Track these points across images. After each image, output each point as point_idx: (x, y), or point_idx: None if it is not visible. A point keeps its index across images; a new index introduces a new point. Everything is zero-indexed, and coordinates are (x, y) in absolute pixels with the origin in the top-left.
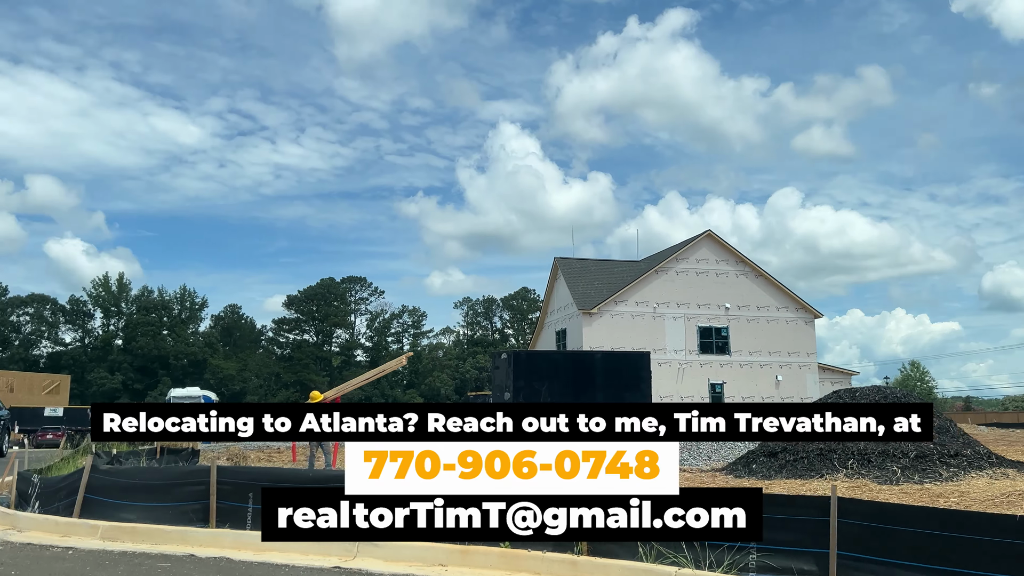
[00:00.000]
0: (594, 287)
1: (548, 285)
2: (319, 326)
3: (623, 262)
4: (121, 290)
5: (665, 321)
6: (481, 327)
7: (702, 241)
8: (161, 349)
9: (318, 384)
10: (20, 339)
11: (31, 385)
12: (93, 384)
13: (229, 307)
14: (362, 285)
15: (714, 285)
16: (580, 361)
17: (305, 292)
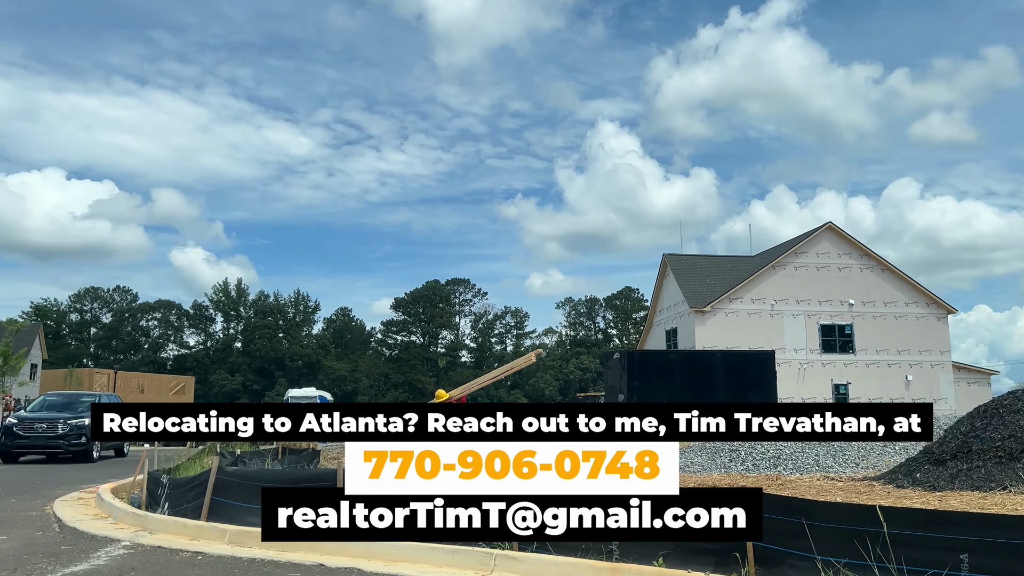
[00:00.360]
0: (706, 284)
1: (656, 283)
2: (425, 327)
3: (736, 258)
4: (239, 295)
5: (784, 319)
6: (584, 327)
7: (822, 234)
8: (277, 351)
9: (425, 385)
10: (149, 343)
11: (159, 386)
12: (215, 385)
13: (340, 310)
14: (466, 287)
15: (836, 280)
16: (699, 361)
17: (411, 294)
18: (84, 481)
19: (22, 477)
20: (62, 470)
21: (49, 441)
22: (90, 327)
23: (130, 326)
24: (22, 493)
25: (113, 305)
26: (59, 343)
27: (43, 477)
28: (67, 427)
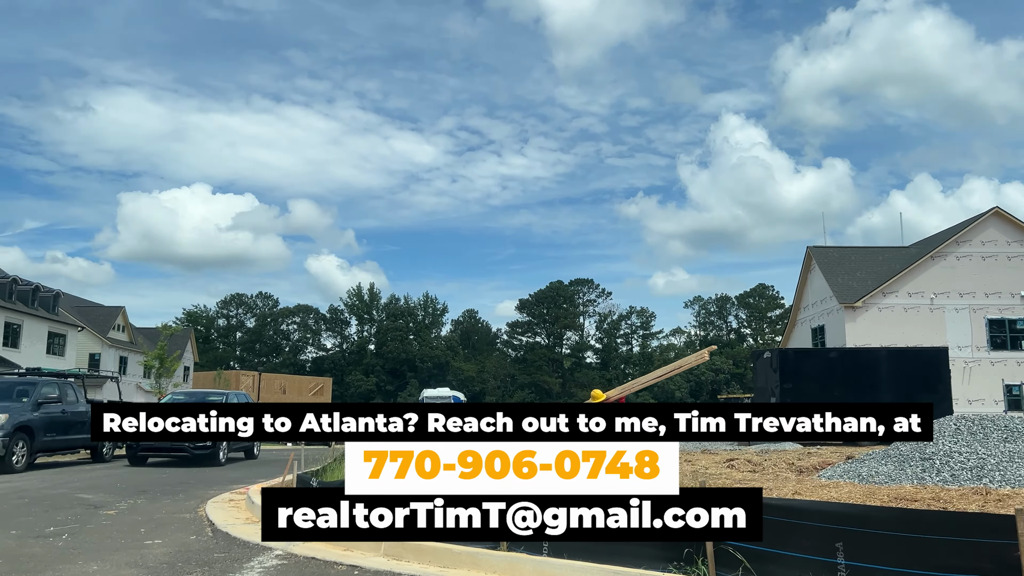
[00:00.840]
0: (856, 278)
1: (800, 278)
2: (550, 328)
3: (888, 249)
4: (372, 299)
5: (945, 313)
6: (715, 327)
7: (988, 220)
8: (408, 353)
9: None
10: (289, 345)
11: (300, 387)
12: (351, 386)
13: (467, 312)
14: (589, 287)
15: (1005, 270)
16: (860, 359)
17: (535, 295)
18: (235, 481)
19: (175, 477)
20: (213, 469)
21: (173, 443)
22: (236, 331)
23: (272, 330)
24: (176, 493)
25: (256, 310)
26: (208, 347)
27: (196, 476)
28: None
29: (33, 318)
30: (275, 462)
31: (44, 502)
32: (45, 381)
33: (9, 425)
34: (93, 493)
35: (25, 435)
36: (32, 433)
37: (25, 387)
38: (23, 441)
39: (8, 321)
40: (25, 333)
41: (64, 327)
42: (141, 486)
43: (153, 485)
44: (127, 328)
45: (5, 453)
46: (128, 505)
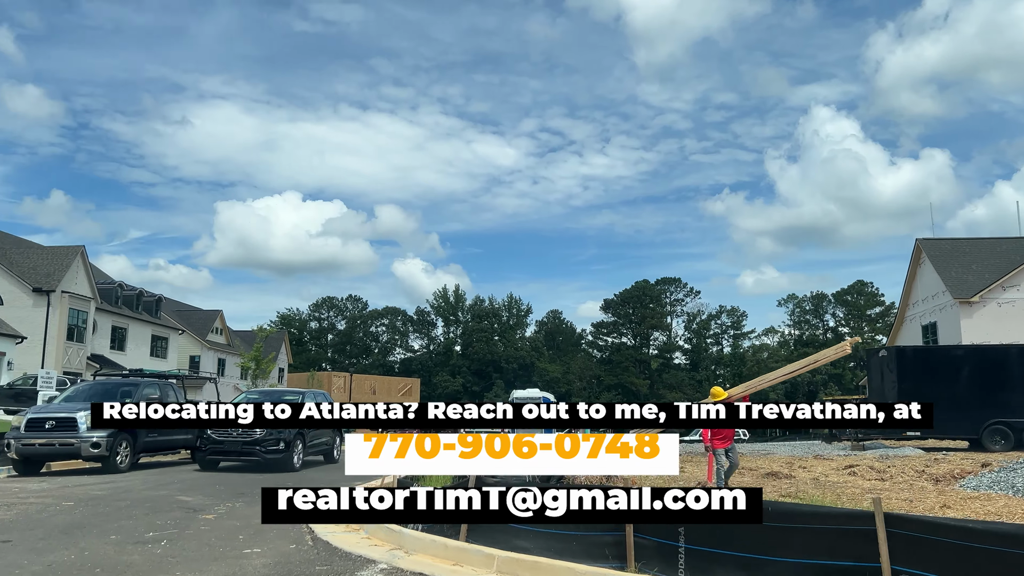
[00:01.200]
0: (971, 271)
1: (908, 273)
2: (636, 328)
3: (1006, 239)
4: (457, 301)
5: None
6: (810, 326)
7: None
8: (494, 354)
9: (639, 387)
10: (379, 347)
11: (389, 388)
12: (438, 387)
13: (551, 312)
14: (677, 286)
15: None
16: (989, 357)
17: (621, 295)
18: (332, 483)
19: (274, 478)
20: (313, 471)
21: (244, 447)
22: (327, 333)
23: (361, 332)
24: None
25: (346, 313)
26: (301, 349)
27: (295, 479)
28: (263, 432)
29: (137, 322)
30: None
31: (145, 504)
32: (147, 382)
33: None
34: (192, 495)
35: (128, 436)
36: (135, 434)
37: (128, 388)
38: (126, 442)
39: (115, 325)
40: (130, 336)
41: (166, 330)
42: (239, 488)
43: (250, 486)
44: (225, 331)
45: (109, 454)
46: (227, 509)
